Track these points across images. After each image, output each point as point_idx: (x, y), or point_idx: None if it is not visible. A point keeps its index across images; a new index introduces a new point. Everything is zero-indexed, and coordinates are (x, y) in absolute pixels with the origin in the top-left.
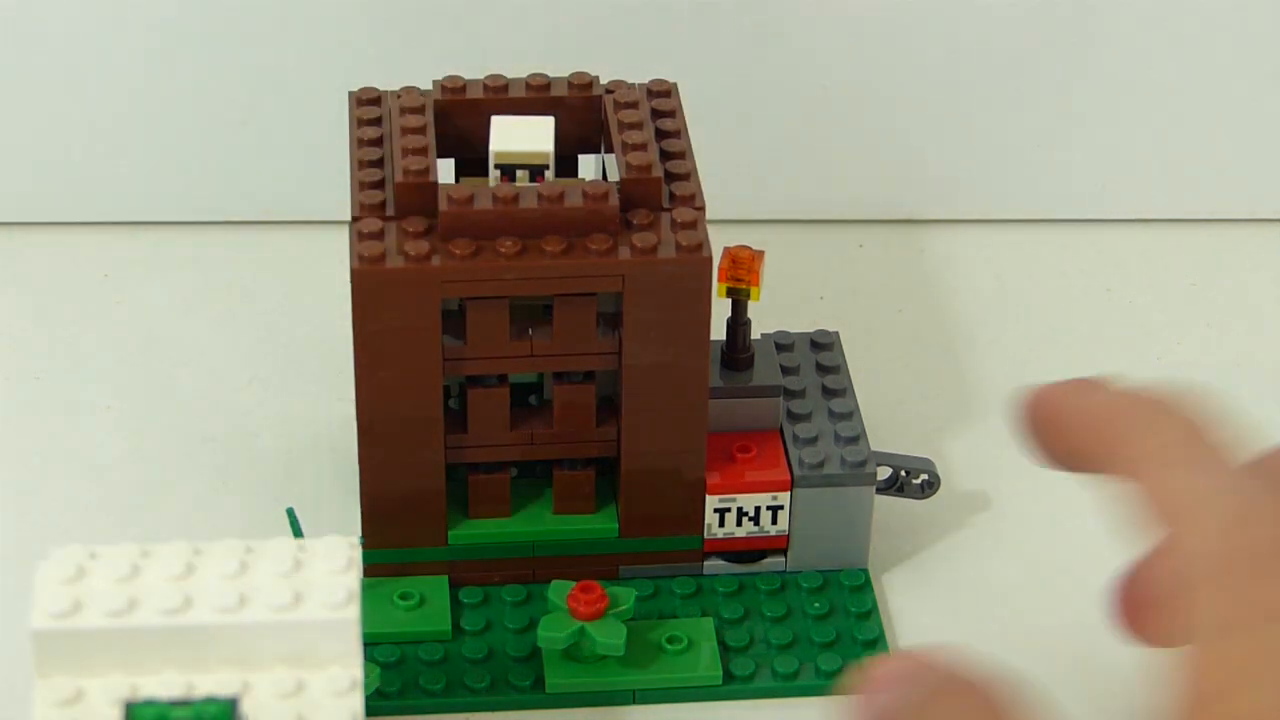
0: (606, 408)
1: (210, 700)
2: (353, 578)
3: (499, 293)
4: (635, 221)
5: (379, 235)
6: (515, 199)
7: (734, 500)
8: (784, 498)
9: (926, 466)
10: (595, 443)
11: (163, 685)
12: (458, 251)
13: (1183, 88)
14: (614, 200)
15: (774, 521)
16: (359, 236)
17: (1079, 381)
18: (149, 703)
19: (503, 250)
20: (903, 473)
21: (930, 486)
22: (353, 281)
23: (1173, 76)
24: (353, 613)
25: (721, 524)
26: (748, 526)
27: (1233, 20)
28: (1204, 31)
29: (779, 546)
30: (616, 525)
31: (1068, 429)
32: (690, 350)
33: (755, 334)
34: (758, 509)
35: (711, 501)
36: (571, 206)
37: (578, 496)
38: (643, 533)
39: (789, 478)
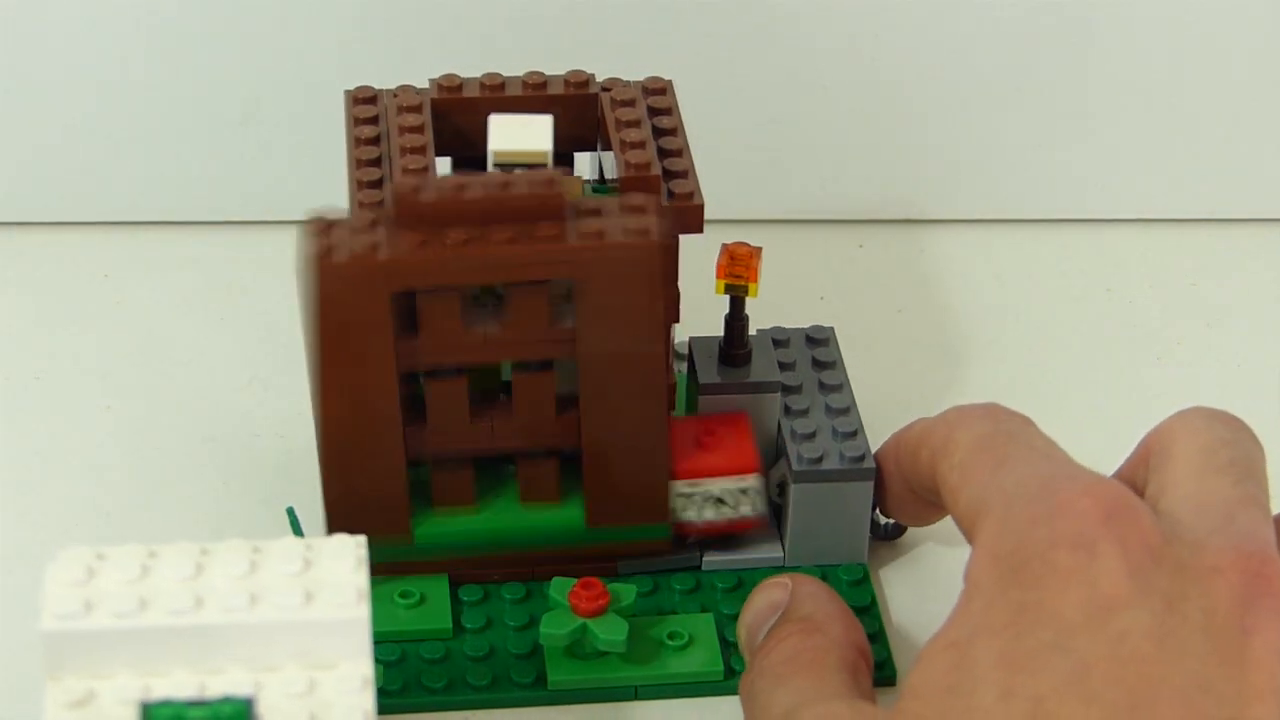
0: (570, 398)
1: (226, 700)
2: (362, 577)
3: (448, 282)
4: (587, 208)
5: (327, 231)
6: (462, 189)
7: (699, 484)
8: (751, 480)
9: None
10: (556, 434)
11: (174, 686)
12: (404, 244)
13: (1183, 88)
14: (558, 188)
15: (747, 505)
16: (307, 233)
17: (892, 438)
18: (165, 703)
19: (450, 240)
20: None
21: (898, 529)
22: (301, 278)
23: (1173, 76)
24: (364, 612)
25: (694, 509)
26: (722, 510)
27: (1233, 20)
28: (1204, 31)
29: (753, 527)
30: (582, 515)
31: (896, 477)
32: (644, 337)
33: (751, 330)
34: (726, 492)
35: (678, 487)
36: (518, 195)
37: (542, 487)
38: (609, 522)
39: (754, 460)
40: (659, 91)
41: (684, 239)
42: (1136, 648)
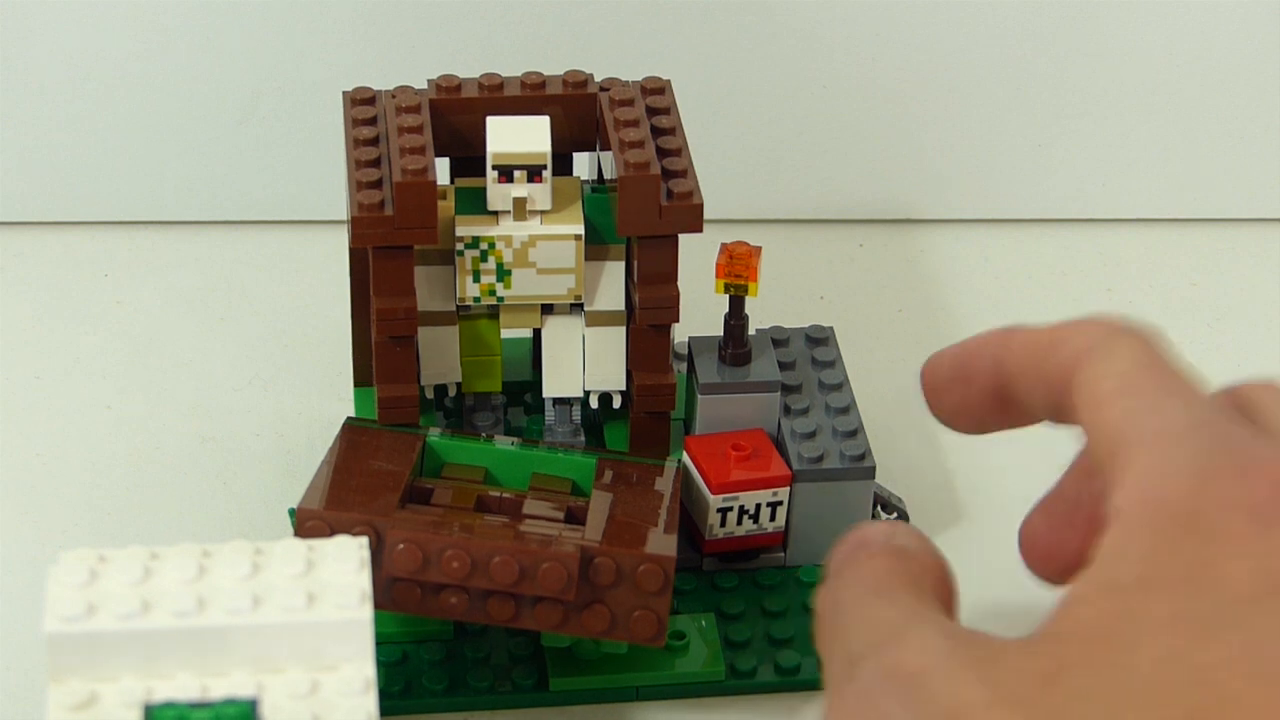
0: None
1: (230, 702)
2: (364, 578)
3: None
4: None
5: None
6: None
7: (736, 499)
8: (784, 493)
9: (899, 505)
10: None
11: (176, 688)
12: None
13: (1183, 88)
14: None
15: (772, 518)
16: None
17: (991, 332)
18: (169, 705)
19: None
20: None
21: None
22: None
23: (1173, 76)
24: (366, 613)
25: (723, 524)
26: (747, 525)
27: (1233, 20)
28: (1204, 32)
29: (776, 543)
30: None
31: (990, 372)
32: None
33: (751, 330)
34: (758, 506)
35: (714, 502)
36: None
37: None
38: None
39: (789, 472)
40: (657, 91)
41: (684, 239)
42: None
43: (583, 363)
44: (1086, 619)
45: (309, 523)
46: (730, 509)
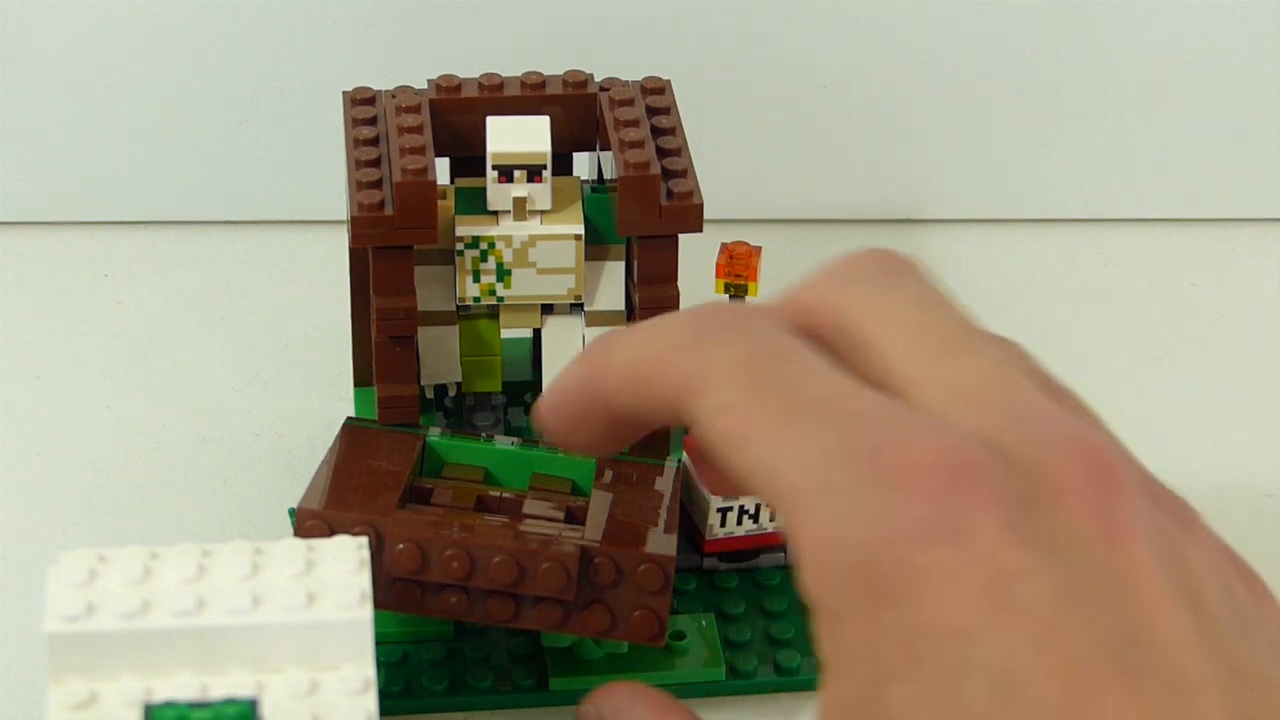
0: None
1: (230, 701)
2: (364, 578)
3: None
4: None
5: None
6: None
7: (736, 500)
8: None
9: None
10: None
11: (176, 687)
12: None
13: (1182, 88)
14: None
15: (772, 518)
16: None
17: (581, 366)
18: (169, 704)
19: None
20: None
21: None
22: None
23: (1173, 76)
24: (366, 613)
25: (723, 524)
26: (747, 525)
27: (1233, 20)
28: (1203, 32)
29: (776, 543)
30: None
31: (602, 411)
32: None
33: None
34: (758, 506)
35: (715, 503)
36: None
37: None
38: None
39: None
40: (657, 91)
41: (684, 239)
42: (1049, 623)
43: None
44: None
45: (309, 522)
46: (730, 509)
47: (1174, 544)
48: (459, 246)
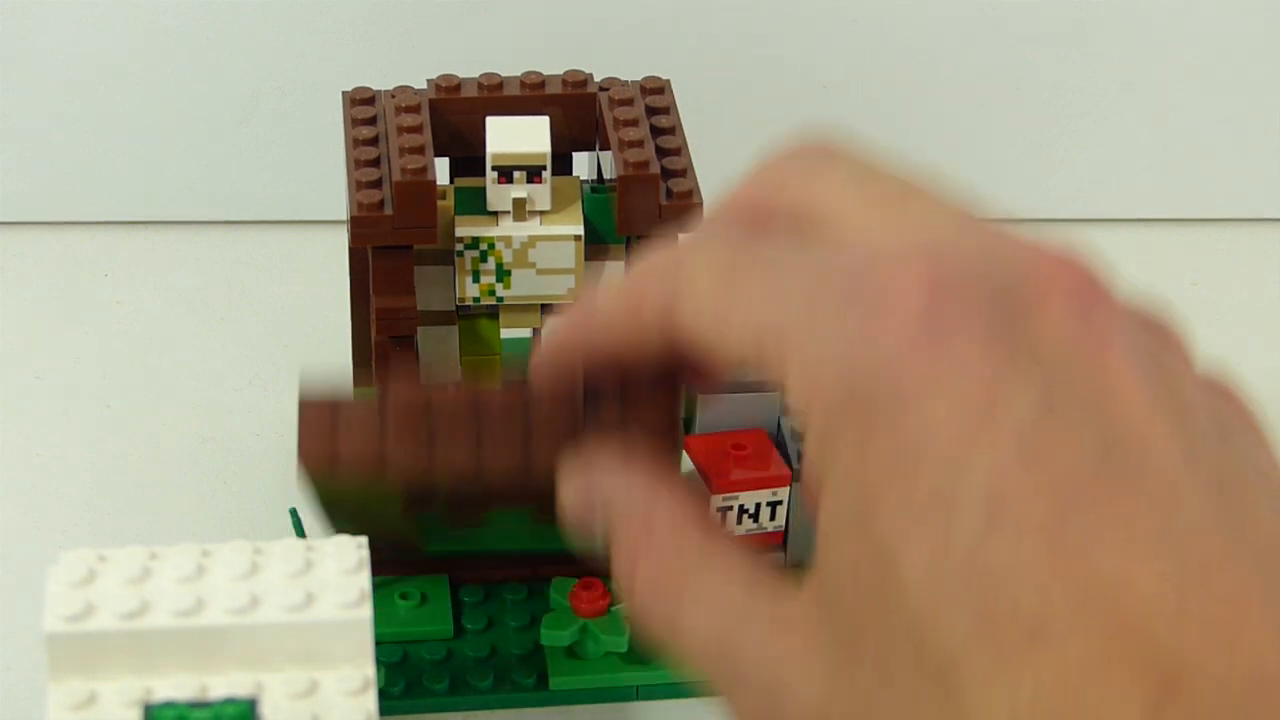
0: None
1: (229, 701)
2: (364, 577)
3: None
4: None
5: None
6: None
7: (736, 499)
8: (784, 493)
9: None
10: None
11: (176, 687)
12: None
13: (1182, 88)
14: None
15: (772, 518)
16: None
17: (563, 326)
18: (168, 704)
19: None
20: None
21: None
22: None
23: (1172, 77)
24: (366, 612)
25: (723, 524)
26: (747, 524)
27: (1233, 20)
28: (1204, 31)
29: (776, 542)
30: None
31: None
32: None
33: None
34: (758, 505)
35: (715, 501)
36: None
37: None
38: None
39: (789, 472)
40: (657, 91)
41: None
42: (1033, 440)
43: None
44: (840, 560)
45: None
46: (730, 508)
47: (1154, 354)
48: (459, 247)
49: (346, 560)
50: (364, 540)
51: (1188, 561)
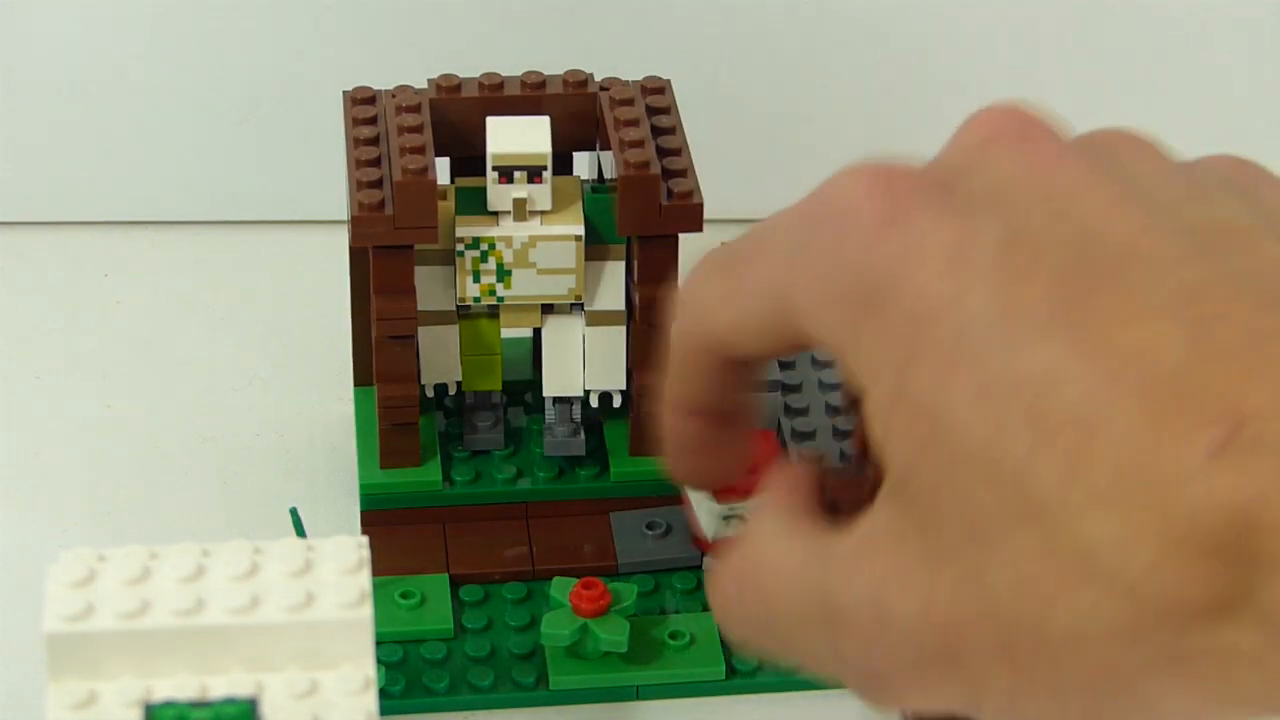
0: None
1: (229, 701)
2: (364, 577)
3: None
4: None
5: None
6: None
7: (740, 508)
8: None
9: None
10: None
11: (176, 687)
12: None
13: (1182, 87)
14: None
15: None
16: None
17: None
18: (168, 704)
19: None
20: None
21: None
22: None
23: (1172, 76)
24: (366, 612)
25: (728, 527)
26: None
27: (1232, 20)
28: (1203, 31)
29: None
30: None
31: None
32: None
33: None
34: None
35: (718, 510)
36: None
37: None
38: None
39: None
40: (657, 91)
41: (684, 238)
42: (1010, 264)
43: (583, 362)
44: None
45: None
46: (736, 516)
47: (1109, 156)
48: (459, 247)
49: (347, 560)
50: (364, 540)
51: (1197, 312)
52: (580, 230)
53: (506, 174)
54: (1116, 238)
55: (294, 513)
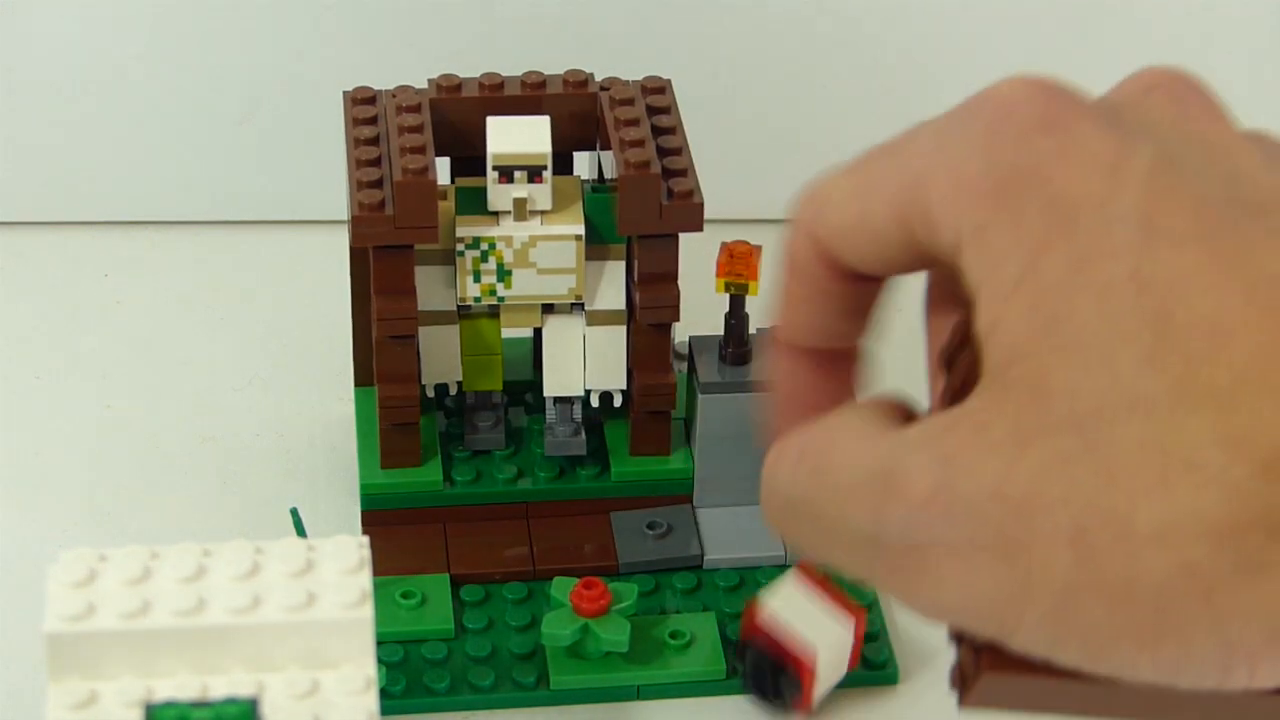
0: None
1: (230, 701)
2: (364, 577)
3: None
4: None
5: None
6: None
7: None
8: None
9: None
10: None
11: (177, 687)
12: None
13: None
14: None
15: None
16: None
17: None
18: (169, 704)
19: None
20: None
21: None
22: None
23: None
24: (367, 612)
25: None
26: None
27: (1233, 21)
28: (1203, 31)
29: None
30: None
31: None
32: None
33: (751, 329)
34: None
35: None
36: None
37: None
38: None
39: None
40: (657, 90)
41: (684, 238)
42: (1164, 180)
43: (583, 362)
44: (1014, 333)
45: None
46: None
47: (1258, 138)
48: (459, 247)
49: (347, 560)
50: (365, 539)
51: None
52: (581, 230)
53: (507, 174)
54: (1266, 185)
55: (294, 513)
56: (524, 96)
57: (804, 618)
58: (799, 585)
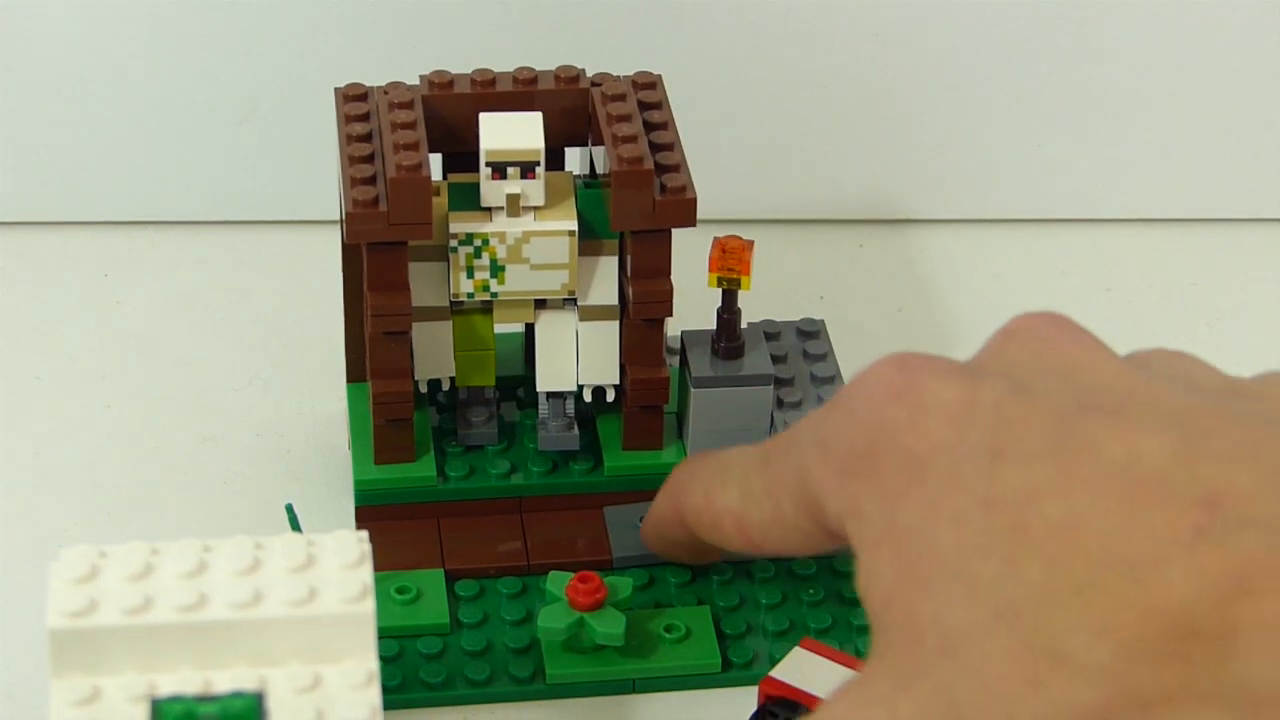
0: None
1: (236, 695)
2: (365, 572)
3: None
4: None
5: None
6: None
7: None
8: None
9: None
10: None
11: (179, 682)
12: None
13: (1182, 88)
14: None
15: None
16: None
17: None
18: (175, 699)
19: None
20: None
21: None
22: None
23: (1172, 76)
24: (368, 606)
25: None
26: None
27: (1233, 20)
28: (1203, 31)
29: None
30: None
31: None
32: None
33: (743, 323)
34: None
35: None
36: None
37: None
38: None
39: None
40: (649, 86)
41: (677, 233)
42: (1014, 408)
43: (576, 357)
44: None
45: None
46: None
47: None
48: (453, 243)
49: (348, 555)
50: (364, 534)
51: (1186, 429)
52: (573, 225)
53: (500, 170)
54: (1121, 387)
55: (289, 508)
56: (516, 92)
57: (814, 675)
58: (807, 655)
